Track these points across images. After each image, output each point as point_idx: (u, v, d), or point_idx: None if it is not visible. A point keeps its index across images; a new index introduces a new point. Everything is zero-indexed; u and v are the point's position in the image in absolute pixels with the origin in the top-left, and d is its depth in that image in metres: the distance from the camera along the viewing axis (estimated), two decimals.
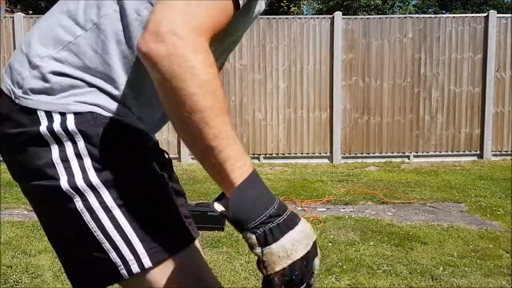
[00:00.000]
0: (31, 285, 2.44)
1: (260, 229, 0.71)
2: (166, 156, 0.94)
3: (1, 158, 0.86)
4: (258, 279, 2.48)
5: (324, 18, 6.63)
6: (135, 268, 0.81)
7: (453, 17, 6.70)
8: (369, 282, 2.43)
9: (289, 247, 0.72)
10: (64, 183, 0.80)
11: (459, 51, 6.61)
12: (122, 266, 0.81)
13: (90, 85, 0.82)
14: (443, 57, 6.61)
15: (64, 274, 2.54)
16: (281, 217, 0.73)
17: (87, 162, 0.80)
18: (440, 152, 6.72)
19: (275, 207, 0.73)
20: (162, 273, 0.83)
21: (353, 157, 6.61)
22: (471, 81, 6.66)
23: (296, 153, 6.63)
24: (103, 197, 0.80)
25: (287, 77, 6.57)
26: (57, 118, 0.80)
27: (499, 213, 3.78)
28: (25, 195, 0.91)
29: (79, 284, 0.88)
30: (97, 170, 0.81)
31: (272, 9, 14.76)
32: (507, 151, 6.73)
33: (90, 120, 0.81)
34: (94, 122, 0.81)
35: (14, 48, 6.41)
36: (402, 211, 3.90)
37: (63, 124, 0.80)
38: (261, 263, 0.73)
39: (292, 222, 0.74)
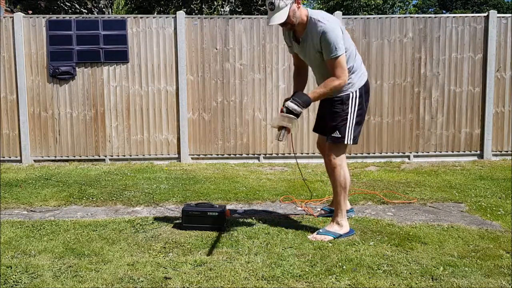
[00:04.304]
0: (31, 285, 2.44)
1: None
2: None
3: (1, 158, 0.86)
4: (258, 279, 2.48)
5: None
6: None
7: (453, 17, 6.70)
8: (369, 282, 2.43)
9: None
10: None
11: (459, 51, 6.62)
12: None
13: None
14: (443, 57, 6.61)
15: (64, 274, 2.54)
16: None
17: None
18: (440, 152, 6.72)
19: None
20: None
21: (353, 157, 6.61)
22: (471, 81, 6.67)
23: (296, 153, 6.63)
24: None
25: (287, 77, 6.57)
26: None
27: (499, 213, 3.78)
28: None
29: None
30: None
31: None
32: (507, 151, 6.74)
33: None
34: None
35: (14, 48, 6.40)
36: (402, 211, 3.90)
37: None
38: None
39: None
